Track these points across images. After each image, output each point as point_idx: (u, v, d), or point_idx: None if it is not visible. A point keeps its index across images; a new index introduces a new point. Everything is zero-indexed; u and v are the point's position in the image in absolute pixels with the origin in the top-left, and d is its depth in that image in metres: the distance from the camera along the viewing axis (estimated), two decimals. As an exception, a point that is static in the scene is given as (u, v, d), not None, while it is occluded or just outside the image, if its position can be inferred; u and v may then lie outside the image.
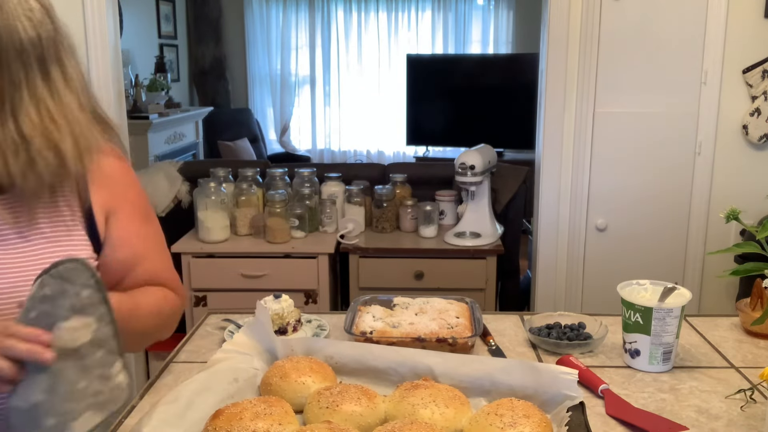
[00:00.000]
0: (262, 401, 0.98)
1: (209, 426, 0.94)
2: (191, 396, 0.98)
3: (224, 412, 0.95)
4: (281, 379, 1.07)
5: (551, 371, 1.05)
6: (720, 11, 2.60)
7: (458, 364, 1.10)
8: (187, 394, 0.97)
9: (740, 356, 1.30)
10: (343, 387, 1.04)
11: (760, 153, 2.72)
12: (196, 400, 0.98)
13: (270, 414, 0.96)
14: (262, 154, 6.59)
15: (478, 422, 0.98)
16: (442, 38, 6.82)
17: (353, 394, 1.02)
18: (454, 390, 1.05)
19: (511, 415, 0.96)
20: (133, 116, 4.53)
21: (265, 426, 0.93)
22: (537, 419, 0.96)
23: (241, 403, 0.98)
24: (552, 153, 2.78)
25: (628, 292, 1.27)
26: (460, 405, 1.02)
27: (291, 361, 1.11)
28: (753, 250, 1.20)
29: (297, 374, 1.08)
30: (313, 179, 3.12)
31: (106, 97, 2.55)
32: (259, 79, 7.02)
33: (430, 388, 1.04)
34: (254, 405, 0.97)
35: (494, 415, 0.97)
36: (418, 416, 0.99)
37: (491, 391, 1.08)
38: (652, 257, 2.80)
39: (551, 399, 1.03)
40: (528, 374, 1.06)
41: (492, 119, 5.96)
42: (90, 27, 2.50)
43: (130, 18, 5.28)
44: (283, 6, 6.83)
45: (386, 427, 0.95)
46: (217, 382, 1.04)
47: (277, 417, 0.96)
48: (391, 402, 1.04)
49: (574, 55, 2.69)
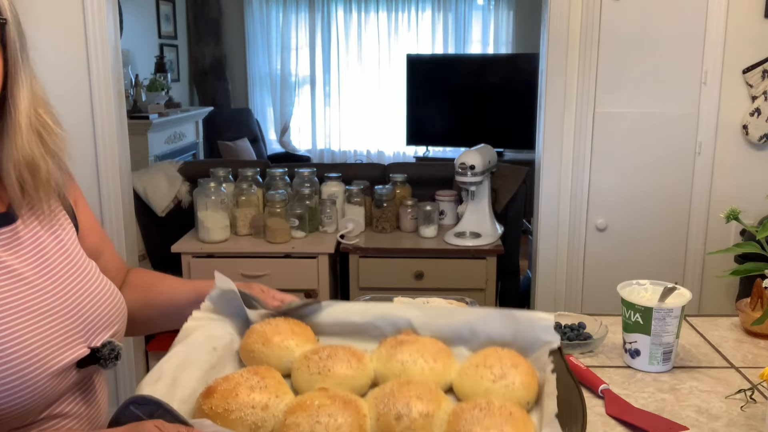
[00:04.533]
0: (252, 373, 0.96)
1: (203, 405, 0.91)
2: (174, 373, 0.94)
3: (217, 390, 0.92)
4: (264, 345, 1.05)
5: (529, 318, 1.07)
6: (720, 11, 2.60)
7: (437, 315, 1.11)
8: (169, 371, 0.94)
9: (740, 356, 1.31)
10: (330, 350, 1.02)
11: (760, 153, 2.72)
12: (180, 377, 0.95)
13: (265, 387, 0.93)
14: (262, 154, 6.59)
15: (468, 375, 0.99)
16: (442, 38, 6.82)
17: (343, 357, 1.01)
18: (438, 342, 1.05)
19: (500, 366, 0.97)
20: (133, 116, 4.54)
21: (263, 400, 0.91)
22: (524, 368, 0.98)
23: (232, 377, 0.95)
24: (552, 153, 2.78)
25: (628, 292, 1.27)
26: (446, 358, 1.03)
27: (270, 325, 1.08)
28: (753, 250, 1.20)
29: (280, 339, 1.05)
30: (313, 179, 3.12)
31: (106, 97, 2.55)
32: (259, 79, 7.02)
33: (415, 343, 1.04)
34: (246, 378, 0.94)
35: (483, 367, 0.98)
36: (408, 374, 0.99)
37: (471, 341, 1.09)
38: (652, 257, 2.80)
39: (529, 345, 1.05)
40: (506, 322, 1.07)
41: (492, 119, 5.96)
42: (90, 27, 2.50)
43: (130, 18, 5.28)
44: (283, 6, 6.83)
45: (383, 390, 0.94)
46: (197, 353, 1.00)
47: (273, 389, 0.94)
48: (379, 361, 1.04)
49: (574, 55, 2.69)
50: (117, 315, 1.04)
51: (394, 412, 0.89)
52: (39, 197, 0.97)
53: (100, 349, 0.97)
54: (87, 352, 0.96)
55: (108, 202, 2.64)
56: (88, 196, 2.55)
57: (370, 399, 0.95)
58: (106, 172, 2.61)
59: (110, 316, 1.02)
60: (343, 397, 0.92)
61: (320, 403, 0.89)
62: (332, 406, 0.89)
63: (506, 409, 0.88)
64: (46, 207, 0.99)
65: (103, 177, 2.61)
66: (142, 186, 3.37)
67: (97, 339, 0.98)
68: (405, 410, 0.89)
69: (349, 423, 0.88)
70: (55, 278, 0.96)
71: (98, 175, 2.61)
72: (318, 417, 0.87)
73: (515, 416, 0.88)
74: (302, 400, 0.92)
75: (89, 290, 0.99)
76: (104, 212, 2.64)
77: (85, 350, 0.95)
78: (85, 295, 0.98)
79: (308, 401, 0.91)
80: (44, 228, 0.99)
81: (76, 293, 0.97)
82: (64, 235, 1.01)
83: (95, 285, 1.01)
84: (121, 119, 2.66)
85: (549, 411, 0.89)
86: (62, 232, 1.01)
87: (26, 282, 0.92)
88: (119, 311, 1.04)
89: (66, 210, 1.04)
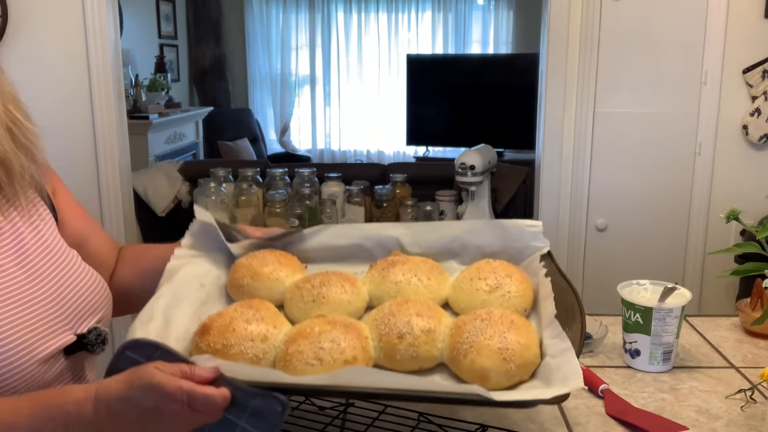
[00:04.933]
0: (246, 306, 0.94)
1: (200, 343, 0.90)
2: (165, 312, 0.93)
3: (213, 326, 0.90)
4: (253, 279, 1.03)
5: (517, 225, 1.08)
6: (720, 11, 2.60)
7: (424, 231, 1.11)
8: (160, 311, 0.93)
9: (740, 356, 1.31)
10: (323, 277, 1.01)
11: (760, 153, 2.72)
12: (171, 316, 0.94)
13: (261, 318, 0.92)
14: (262, 154, 6.59)
15: (463, 289, 0.99)
16: (442, 38, 6.82)
17: (336, 282, 1.00)
18: (429, 260, 1.05)
19: (495, 277, 0.98)
20: (133, 116, 4.54)
21: (261, 332, 0.90)
22: (518, 277, 0.99)
23: (226, 313, 0.93)
24: (552, 153, 2.78)
25: (628, 292, 1.27)
26: (439, 274, 1.03)
27: (256, 258, 1.06)
28: (753, 250, 1.20)
29: (269, 270, 1.03)
30: (313, 179, 3.12)
31: (106, 97, 2.55)
32: (259, 79, 7.02)
33: (407, 262, 1.03)
34: (241, 312, 0.92)
35: (478, 280, 0.98)
36: (403, 293, 0.99)
37: (461, 254, 1.09)
38: (652, 257, 2.80)
39: (519, 253, 1.07)
40: (495, 232, 1.08)
41: (492, 119, 5.96)
42: (90, 27, 2.50)
43: (130, 18, 5.28)
44: (283, 6, 6.83)
45: (382, 311, 0.94)
46: (185, 291, 0.99)
47: (269, 320, 0.92)
48: (372, 283, 1.03)
49: (574, 55, 2.69)
50: (101, 301, 1.04)
51: (396, 331, 0.89)
52: (14, 191, 0.98)
53: (87, 335, 0.97)
54: (73, 339, 0.96)
55: (108, 202, 2.64)
56: (88, 196, 2.56)
57: (369, 321, 0.94)
58: (106, 172, 2.61)
59: (94, 303, 1.02)
60: (343, 322, 0.91)
61: (321, 330, 0.88)
62: (333, 331, 0.88)
63: (507, 317, 0.89)
64: (23, 199, 0.99)
65: (103, 177, 2.61)
66: (142, 186, 3.37)
67: (83, 326, 0.99)
68: (407, 328, 0.89)
69: (352, 346, 0.87)
70: (35, 269, 0.96)
71: (98, 175, 2.61)
72: (321, 343, 0.86)
73: (516, 323, 0.88)
74: (301, 329, 0.90)
75: (71, 278, 0.99)
76: (104, 212, 2.64)
77: (72, 337, 0.96)
78: (67, 283, 0.98)
79: (308, 329, 0.89)
80: (23, 220, 0.99)
81: (58, 282, 0.97)
82: (42, 226, 1.01)
83: (77, 273, 1.01)
84: (121, 119, 2.66)
85: (548, 312, 0.90)
86: (41, 223, 1.01)
87: (6, 273, 0.92)
88: (103, 297, 1.05)
89: (44, 200, 1.04)
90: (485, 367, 0.84)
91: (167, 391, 0.76)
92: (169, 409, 0.76)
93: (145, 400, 0.76)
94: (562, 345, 0.85)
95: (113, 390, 0.78)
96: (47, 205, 1.05)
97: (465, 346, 0.86)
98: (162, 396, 0.76)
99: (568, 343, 0.84)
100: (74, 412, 0.78)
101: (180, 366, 0.79)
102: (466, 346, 0.86)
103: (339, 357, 0.86)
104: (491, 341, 0.85)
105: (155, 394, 0.76)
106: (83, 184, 2.57)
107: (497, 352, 0.84)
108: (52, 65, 2.50)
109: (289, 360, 0.86)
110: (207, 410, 0.77)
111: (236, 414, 0.79)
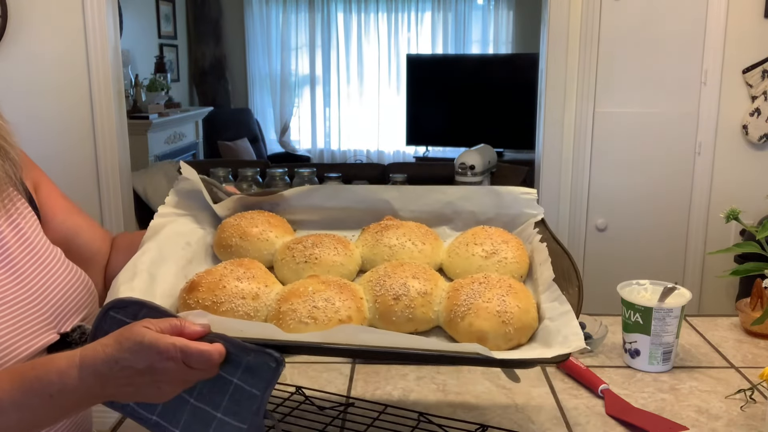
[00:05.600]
0: (236, 265, 0.92)
1: (188, 300, 0.87)
2: (150, 269, 0.90)
3: (201, 283, 0.88)
4: (242, 239, 1.00)
5: (511, 192, 1.07)
6: (720, 11, 2.60)
7: (417, 195, 1.09)
8: (144, 267, 0.90)
9: (740, 356, 1.31)
10: (315, 238, 0.99)
11: (760, 153, 2.72)
12: (157, 273, 0.90)
13: (252, 277, 0.90)
14: (262, 154, 6.59)
15: (458, 254, 0.99)
16: (442, 38, 6.82)
17: (329, 244, 0.98)
18: (423, 226, 1.04)
19: (491, 243, 0.98)
20: (133, 116, 4.54)
21: (252, 290, 0.88)
22: (514, 243, 0.99)
23: (216, 270, 0.90)
24: (552, 153, 2.78)
25: (628, 292, 1.28)
26: (434, 240, 1.03)
27: (245, 218, 1.03)
28: (753, 250, 1.20)
29: (258, 231, 1.01)
30: (313, 179, 3.12)
31: (106, 97, 2.55)
32: (259, 79, 7.02)
33: (400, 227, 1.02)
34: (231, 270, 0.90)
35: (474, 245, 0.98)
36: (397, 257, 0.98)
37: (453, 219, 1.08)
38: (652, 257, 2.80)
39: (512, 220, 1.07)
40: (489, 198, 1.07)
41: (492, 119, 5.96)
42: (90, 27, 2.50)
43: (130, 18, 5.28)
44: (283, 6, 6.83)
45: (377, 272, 0.92)
46: (171, 248, 0.97)
47: (261, 279, 0.90)
48: (365, 247, 1.01)
49: (574, 55, 2.69)
50: (86, 299, 1.02)
51: (391, 293, 0.88)
52: None
53: (70, 333, 0.96)
54: (57, 338, 0.94)
55: (108, 202, 2.64)
56: (88, 196, 2.56)
57: (363, 282, 0.93)
58: (106, 172, 2.61)
59: (78, 301, 1.00)
60: (337, 282, 0.90)
61: (314, 289, 0.87)
62: (327, 290, 0.87)
63: (505, 281, 0.89)
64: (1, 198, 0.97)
65: (103, 177, 2.61)
66: (142, 186, 3.36)
67: (66, 324, 0.97)
68: (403, 290, 0.88)
69: (347, 306, 0.86)
70: (16, 267, 0.94)
71: (98, 175, 2.61)
72: (315, 302, 0.85)
73: (515, 287, 0.88)
74: (294, 288, 0.88)
75: (53, 277, 0.98)
76: (104, 212, 2.63)
77: (55, 336, 0.94)
78: (49, 282, 0.97)
79: (301, 288, 0.88)
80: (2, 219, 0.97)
81: (40, 281, 0.96)
82: (24, 224, 0.98)
83: (60, 271, 0.99)
84: (121, 119, 2.66)
85: (545, 277, 0.89)
86: (22, 221, 0.98)
87: None
88: (88, 295, 1.03)
89: (25, 198, 1.02)
90: (483, 329, 0.84)
91: (160, 349, 0.73)
92: (164, 368, 0.73)
93: (136, 361, 0.73)
94: (561, 308, 0.84)
95: (100, 354, 0.75)
96: (28, 201, 1.02)
97: (462, 309, 0.85)
98: (154, 355, 0.73)
99: (567, 306, 0.84)
100: (58, 382, 0.76)
101: (170, 320, 0.76)
102: (463, 309, 0.85)
103: (333, 316, 0.84)
104: (490, 304, 0.85)
105: (147, 353, 0.73)
106: (83, 184, 2.57)
107: (496, 314, 0.84)
108: (52, 65, 2.50)
109: (282, 318, 0.84)
110: (202, 366, 0.74)
111: (230, 371, 0.77)
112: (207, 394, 0.79)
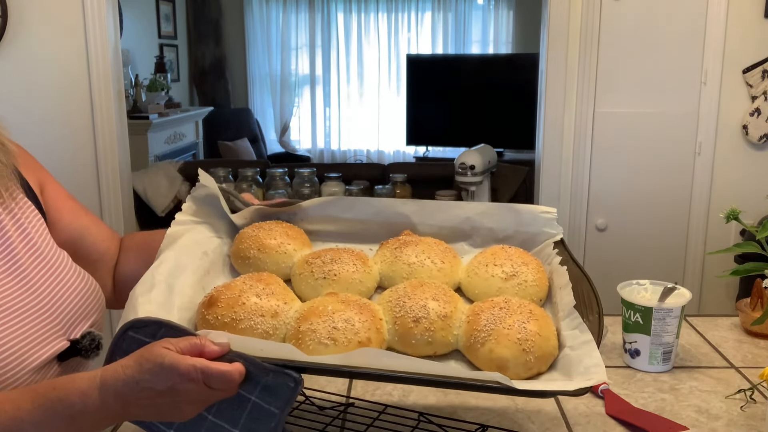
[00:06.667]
0: (255, 279, 0.91)
1: (207, 315, 0.86)
2: (168, 280, 0.89)
3: (221, 298, 0.87)
4: (260, 251, 0.99)
5: (531, 211, 1.06)
6: (720, 11, 2.60)
7: (436, 210, 1.08)
8: (162, 278, 0.89)
9: (740, 356, 1.30)
10: (333, 253, 0.98)
11: (760, 153, 2.72)
12: (175, 284, 0.90)
13: (272, 293, 0.89)
14: (262, 154, 6.59)
15: (478, 275, 0.97)
16: (442, 38, 6.82)
17: (348, 260, 0.97)
18: (442, 242, 1.03)
19: (511, 264, 0.96)
20: (133, 116, 4.54)
21: (272, 307, 0.87)
22: (534, 265, 0.97)
23: (234, 285, 0.89)
24: (552, 153, 2.78)
25: (628, 292, 1.27)
26: (452, 258, 1.01)
27: (263, 229, 1.02)
28: (753, 250, 1.20)
29: (276, 243, 1.00)
30: (313, 179, 3.12)
31: (106, 97, 2.55)
32: (259, 79, 7.02)
33: (419, 243, 1.01)
34: (250, 285, 0.89)
35: (493, 266, 0.97)
36: (416, 275, 0.97)
37: (472, 235, 1.07)
38: (652, 257, 2.80)
39: (531, 238, 1.05)
40: (508, 215, 1.06)
41: (492, 119, 5.96)
42: (90, 27, 2.50)
43: (130, 18, 5.28)
44: (283, 6, 6.83)
45: (396, 292, 0.91)
46: (189, 258, 0.95)
47: (280, 296, 0.89)
48: (384, 263, 1.00)
49: (574, 55, 2.69)
50: (94, 305, 1.01)
51: (411, 315, 0.87)
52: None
53: (80, 340, 0.95)
54: (67, 345, 0.94)
55: (108, 202, 2.64)
56: (88, 196, 2.56)
57: (382, 302, 0.92)
58: (106, 172, 2.61)
59: (87, 307, 0.99)
60: (357, 302, 0.88)
61: (334, 308, 0.86)
62: (347, 310, 0.86)
63: (526, 307, 0.87)
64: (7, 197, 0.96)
65: (103, 177, 2.61)
66: (142, 186, 3.37)
67: (76, 331, 0.96)
68: (423, 312, 0.87)
69: (366, 327, 0.85)
70: (24, 274, 0.93)
71: (98, 175, 2.61)
72: (334, 322, 0.84)
73: (536, 313, 0.87)
74: (314, 306, 0.87)
75: (62, 283, 0.97)
76: (104, 212, 2.63)
77: (65, 343, 0.93)
78: (58, 288, 0.96)
79: (320, 306, 0.86)
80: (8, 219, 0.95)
81: (48, 287, 0.95)
82: (30, 228, 0.97)
83: (68, 277, 0.98)
84: (121, 119, 2.66)
85: (565, 302, 0.88)
86: (28, 225, 0.97)
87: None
88: (96, 300, 1.02)
89: (30, 199, 1.00)
90: (504, 356, 0.83)
91: (180, 371, 0.73)
92: (184, 389, 0.74)
93: (157, 382, 0.73)
94: (582, 337, 0.83)
95: (120, 375, 0.75)
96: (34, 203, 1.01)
97: (483, 335, 0.84)
98: (175, 377, 0.73)
99: (588, 335, 0.83)
100: (79, 404, 0.76)
101: (189, 339, 0.76)
102: (484, 335, 0.84)
103: (353, 338, 0.83)
104: (510, 330, 0.83)
105: (168, 375, 0.73)
106: (83, 184, 2.57)
107: (516, 342, 0.83)
108: (52, 65, 2.50)
109: (302, 338, 0.83)
110: (223, 387, 0.75)
111: (248, 389, 0.77)
112: (225, 411, 0.79)
